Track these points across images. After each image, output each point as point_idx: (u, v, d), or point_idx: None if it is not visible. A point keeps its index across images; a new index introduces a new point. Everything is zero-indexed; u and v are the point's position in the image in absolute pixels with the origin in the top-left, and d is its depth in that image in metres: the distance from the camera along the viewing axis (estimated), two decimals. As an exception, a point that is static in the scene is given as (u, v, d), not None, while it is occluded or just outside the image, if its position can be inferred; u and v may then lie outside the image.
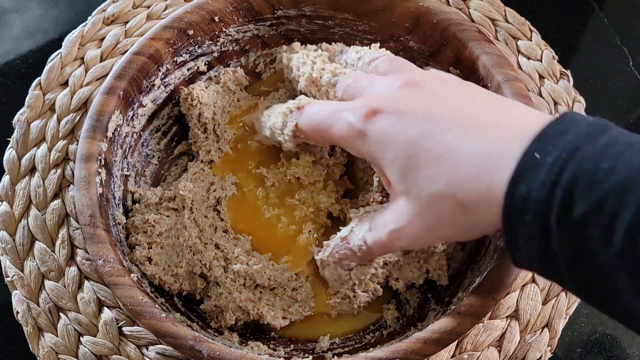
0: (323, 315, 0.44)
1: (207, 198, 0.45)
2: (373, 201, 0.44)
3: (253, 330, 0.44)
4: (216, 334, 0.42)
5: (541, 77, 0.54)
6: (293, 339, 0.44)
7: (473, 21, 0.55)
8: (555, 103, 0.53)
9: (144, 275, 0.42)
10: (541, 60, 0.54)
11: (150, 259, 0.43)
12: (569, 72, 0.54)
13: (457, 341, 0.44)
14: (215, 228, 0.45)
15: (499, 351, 0.44)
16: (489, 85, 0.42)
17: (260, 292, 0.43)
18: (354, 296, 0.43)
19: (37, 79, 0.53)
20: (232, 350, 0.35)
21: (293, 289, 0.43)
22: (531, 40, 0.55)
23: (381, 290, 0.43)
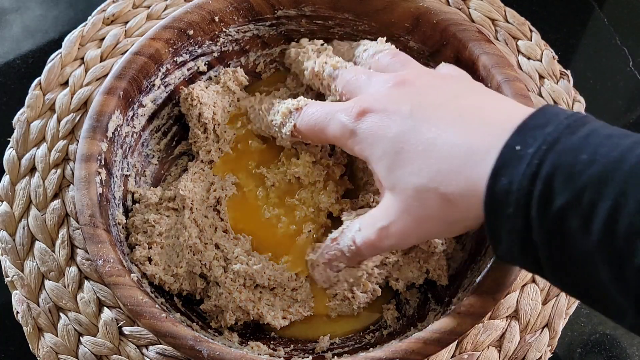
0: (323, 316, 0.44)
1: (207, 198, 0.45)
2: (373, 201, 0.44)
3: (253, 330, 0.44)
4: (216, 334, 0.42)
5: (541, 77, 0.54)
6: (293, 339, 0.44)
7: (473, 21, 0.55)
8: (555, 103, 0.53)
9: (144, 275, 0.42)
10: (541, 60, 0.54)
11: (150, 259, 0.43)
12: (569, 72, 0.54)
13: (457, 341, 0.44)
14: (215, 228, 0.45)
15: (499, 351, 0.44)
16: (489, 85, 0.42)
17: (260, 292, 0.43)
18: (352, 297, 0.43)
19: (37, 79, 0.53)
20: (232, 350, 0.35)
21: (293, 289, 0.43)
22: (531, 40, 0.55)
23: (380, 290, 0.43)
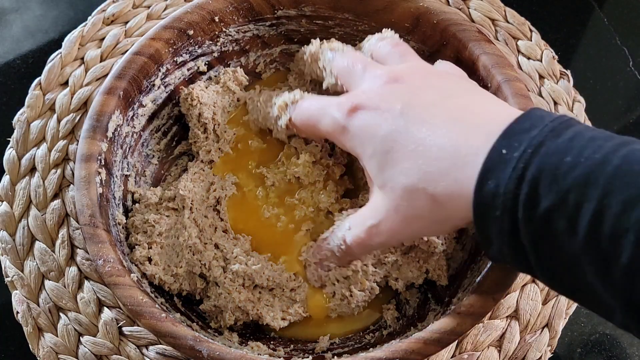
0: (322, 317, 0.44)
1: (207, 198, 0.45)
2: None
3: (253, 330, 0.44)
4: (216, 334, 0.42)
5: (541, 77, 0.54)
6: (293, 339, 0.44)
7: (473, 21, 0.55)
8: (555, 103, 0.53)
9: (144, 275, 0.42)
10: (541, 60, 0.54)
11: (150, 259, 0.43)
12: (569, 72, 0.54)
13: (457, 341, 0.44)
14: (215, 228, 0.45)
15: (499, 351, 0.44)
16: (489, 85, 0.42)
17: (260, 293, 0.43)
18: (350, 295, 0.43)
19: (37, 79, 0.53)
20: (232, 350, 0.35)
21: (292, 290, 0.43)
22: (531, 40, 0.55)
23: (378, 288, 0.43)
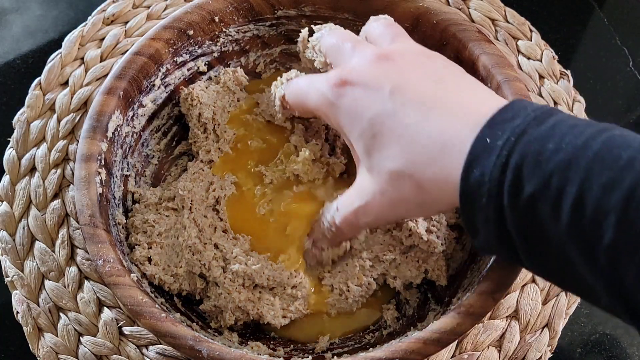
0: (322, 315, 0.44)
1: (207, 198, 0.45)
2: None
3: (253, 330, 0.44)
4: (216, 334, 0.42)
5: (541, 77, 0.54)
6: (293, 339, 0.44)
7: (473, 21, 0.55)
8: (555, 103, 0.53)
9: (143, 275, 0.42)
10: (541, 60, 0.54)
11: (150, 259, 0.43)
12: (569, 72, 0.54)
13: (457, 341, 0.44)
14: (215, 228, 0.45)
15: (499, 351, 0.44)
16: (489, 85, 0.42)
17: (260, 292, 0.43)
18: (347, 290, 0.43)
19: (37, 79, 0.53)
20: (232, 350, 0.35)
21: (293, 287, 0.43)
22: (531, 40, 0.55)
23: (375, 284, 0.44)
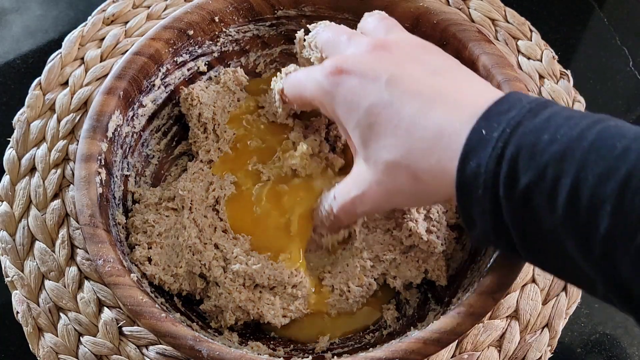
0: (322, 315, 0.44)
1: (207, 198, 0.45)
2: None
3: (253, 330, 0.44)
4: (216, 334, 0.42)
5: (541, 77, 0.54)
6: (293, 339, 0.44)
7: (473, 21, 0.55)
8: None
9: (144, 275, 0.42)
10: (541, 60, 0.54)
11: (150, 259, 0.43)
12: (569, 72, 0.54)
13: (457, 341, 0.44)
14: (215, 228, 0.45)
15: (499, 351, 0.44)
16: (489, 85, 0.42)
17: (260, 292, 0.43)
18: (348, 291, 0.43)
19: (37, 79, 0.53)
20: (232, 350, 0.35)
21: (293, 286, 0.43)
22: (531, 40, 0.55)
23: (375, 284, 0.44)
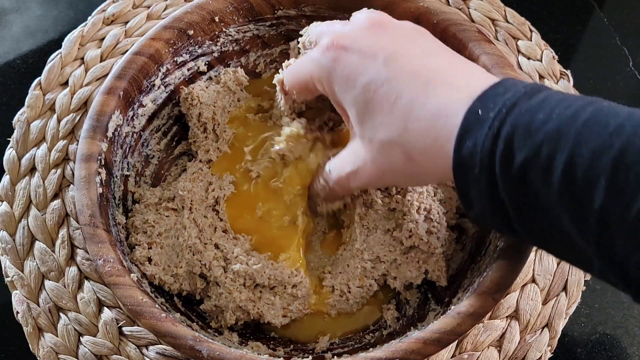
0: (323, 315, 0.44)
1: (206, 198, 0.45)
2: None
3: (253, 330, 0.44)
4: (216, 334, 0.42)
5: (541, 77, 0.54)
6: (293, 339, 0.44)
7: (473, 21, 0.55)
8: (555, 103, 0.53)
9: (144, 275, 0.42)
10: (541, 60, 0.54)
11: (150, 259, 0.43)
12: (569, 72, 0.54)
13: (457, 341, 0.44)
14: (215, 228, 0.45)
15: (499, 351, 0.44)
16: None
17: (260, 292, 0.43)
18: (349, 291, 0.43)
19: (37, 79, 0.53)
20: (232, 350, 0.35)
21: (293, 286, 0.43)
22: (531, 40, 0.55)
23: (376, 285, 0.44)
